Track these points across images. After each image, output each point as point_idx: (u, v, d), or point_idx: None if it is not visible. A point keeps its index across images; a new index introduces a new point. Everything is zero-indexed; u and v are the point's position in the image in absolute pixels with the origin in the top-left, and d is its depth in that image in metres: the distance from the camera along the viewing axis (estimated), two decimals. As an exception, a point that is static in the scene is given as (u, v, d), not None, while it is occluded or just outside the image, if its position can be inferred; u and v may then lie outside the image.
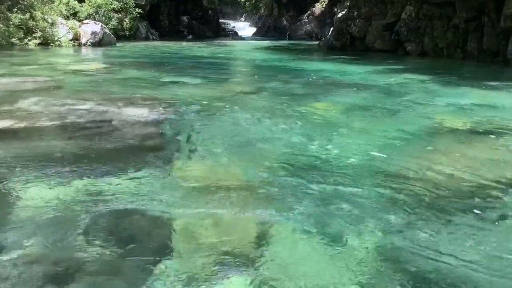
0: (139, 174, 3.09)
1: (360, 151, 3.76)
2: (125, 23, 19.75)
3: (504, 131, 4.62)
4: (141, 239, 2.24)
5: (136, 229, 2.34)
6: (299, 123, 4.75)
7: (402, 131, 4.51)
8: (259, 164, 3.36)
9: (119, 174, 3.06)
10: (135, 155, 3.56)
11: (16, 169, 3.09)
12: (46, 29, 14.87)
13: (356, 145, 3.96)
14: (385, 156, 3.66)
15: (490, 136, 4.41)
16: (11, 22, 14.31)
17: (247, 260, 2.07)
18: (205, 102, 5.77)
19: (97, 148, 3.69)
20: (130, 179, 2.99)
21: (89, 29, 16.00)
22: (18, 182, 2.87)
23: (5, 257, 2.02)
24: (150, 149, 3.76)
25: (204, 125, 4.59)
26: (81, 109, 5.05)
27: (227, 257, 2.09)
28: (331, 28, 20.11)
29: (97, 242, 2.18)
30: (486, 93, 7.20)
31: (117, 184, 2.89)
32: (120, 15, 19.49)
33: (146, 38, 21.61)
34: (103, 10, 18.61)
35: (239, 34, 32.29)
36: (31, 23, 14.64)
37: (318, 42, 21.42)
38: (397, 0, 16.32)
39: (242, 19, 45.24)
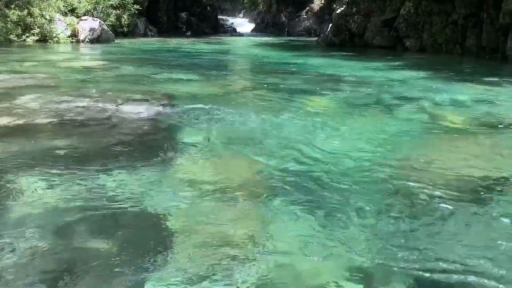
0: (139, 170, 3.08)
1: (358, 147, 3.76)
2: (123, 19, 19.68)
3: (504, 127, 4.62)
4: (140, 236, 2.24)
5: (137, 226, 2.34)
6: (298, 119, 4.75)
7: (400, 127, 4.51)
8: (256, 160, 3.36)
9: (119, 171, 3.05)
10: (135, 152, 3.56)
11: (15, 166, 3.08)
12: (44, 25, 14.83)
13: (354, 141, 3.96)
14: (383, 152, 3.66)
15: (490, 132, 4.41)
16: (9, 19, 14.27)
17: (249, 257, 2.07)
18: (205, 99, 5.76)
19: (96, 145, 3.68)
20: (130, 175, 2.99)
21: (87, 25, 15.95)
22: (17, 179, 2.87)
23: (4, 255, 2.02)
24: (150, 146, 3.76)
25: (203, 122, 4.58)
26: (79, 106, 5.03)
27: (228, 255, 2.09)
28: (330, 25, 20.07)
29: (97, 240, 2.18)
30: (485, 89, 7.20)
31: (117, 181, 2.88)
32: (118, 11, 19.42)
33: (145, 35, 21.55)
34: (101, 7, 18.55)
35: (238, 30, 32.19)
36: (29, 19, 14.60)
37: (317, 38, 21.37)
38: (396, -4, 16.31)
39: (241, 15, 45.14)
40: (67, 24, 15.71)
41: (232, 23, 35.33)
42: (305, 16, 30.37)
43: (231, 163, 3.34)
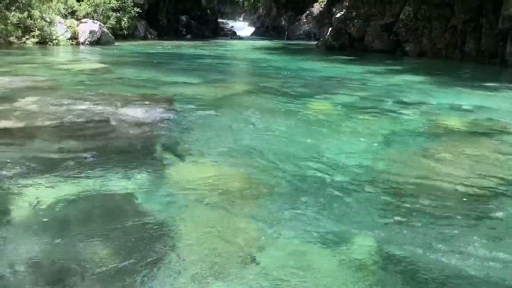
0: (137, 174, 3.08)
1: (357, 152, 3.76)
2: (123, 22, 19.71)
3: (502, 132, 4.63)
4: (138, 238, 2.23)
5: (135, 228, 2.33)
6: (296, 123, 4.75)
7: (399, 131, 4.52)
8: (256, 165, 3.36)
9: (118, 174, 3.05)
10: (133, 155, 3.55)
11: (14, 168, 3.08)
12: (44, 27, 14.84)
13: (354, 146, 3.96)
14: (382, 156, 3.66)
15: (488, 137, 4.42)
16: (9, 21, 14.28)
17: (248, 258, 2.07)
18: (204, 102, 5.76)
19: (95, 148, 3.67)
20: (128, 179, 2.98)
21: (87, 28, 15.98)
22: (16, 181, 2.86)
23: (4, 256, 2.02)
24: (149, 149, 3.75)
25: (202, 125, 4.58)
26: (79, 109, 5.03)
27: (226, 254, 2.09)
28: (330, 28, 20.12)
29: (95, 241, 2.17)
30: (484, 94, 7.22)
31: (115, 183, 2.88)
32: (118, 14, 19.45)
33: (145, 37, 21.58)
34: (101, 9, 18.58)
35: (238, 34, 32.27)
36: (29, 21, 14.61)
37: (316, 42, 21.42)
38: (396, 1, 16.35)
39: (241, 18, 45.23)
40: (67, 27, 15.73)
41: (232, 27, 35.42)
42: (305, 20, 30.44)
43: (229, 166, 3.34)
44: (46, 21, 15.12)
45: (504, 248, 2.25)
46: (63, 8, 16.97)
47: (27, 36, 14.57)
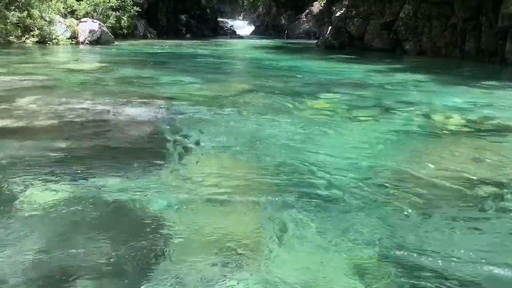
0: (138, 173, 3.08)
1: (355, 151, 3.76)
2: (123, 21, 19.72)
3: (503, 130, 4.63)
4: (139, 238, 2.23)
5: (134, 228, 2.33)
6: (297, 122, 4.75)
7: (399, 130, 4.51)
8: (256, 165, 3.36)
9: (118, 174, 3.05)
10: (134, 154, 3.55)
11: (14, 168, 3.08)
12: (43, 27, 14.85)
13: (352, 145, 3.96)
14: (381, 155, 3.66)
15: (489, 135, 4.42)
16: (9, 20, 14.29)
17: (248, 254, 2.07)
18: (204, 101, 5.76)
19: (95, 148, 3.67)
20: (129, 178, 2.98)
21: (87, 27, 15.99)
22: (16, 180, 2.86)
23: (6, 256, 2.02)
24: (149, 149, 3.75)
25: (203, 124, 4.58)
26: (79, 108, 5.03)
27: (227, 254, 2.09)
28: (330, 27, 20.12)
29: (95, 241, 2.17)
30: (485, 93, 7.21)
31: (116, 184, 2.88)
32: (118, 13, 19.45)
33: (144, 37, 21.59)
34: (101, 8, 18.58)
35: (237, 32, 32.29)
36: (28, 21, 14.62)
37: (316, 41, 21.42)
38: (395, -1, 16.37)
39: (240, 17, 45.23)
40: (67, 26, 15.74)
41: (232, 26, 35.44)
42: (304, 19, 30.44)
43: (229, 166, 3.34)
44: (46, 21, 15.13)
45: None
46: (63, 8, 16.98)
47: (27, 36, 14.58)
